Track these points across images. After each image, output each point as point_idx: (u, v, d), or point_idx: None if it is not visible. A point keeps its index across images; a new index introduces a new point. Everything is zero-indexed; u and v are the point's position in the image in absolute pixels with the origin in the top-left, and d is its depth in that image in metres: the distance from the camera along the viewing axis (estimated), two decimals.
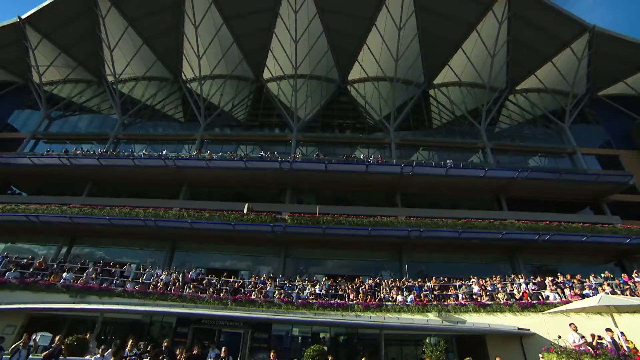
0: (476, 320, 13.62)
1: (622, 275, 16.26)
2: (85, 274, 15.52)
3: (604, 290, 13.63)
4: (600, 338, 10.22)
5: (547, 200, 24.76)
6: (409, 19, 24.90)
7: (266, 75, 31.50)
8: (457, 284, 15.89)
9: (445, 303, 14.31)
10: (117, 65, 28.10)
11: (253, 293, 15.07)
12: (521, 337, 13.02)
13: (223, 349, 10.65)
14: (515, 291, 14.94)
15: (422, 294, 15.00)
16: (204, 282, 15.99)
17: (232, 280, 16.48)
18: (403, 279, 17.25)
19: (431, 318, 13.72)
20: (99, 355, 7.19)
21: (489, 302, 14.09)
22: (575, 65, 27.47)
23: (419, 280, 16.57)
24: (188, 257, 22.01)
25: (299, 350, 12.97)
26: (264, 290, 15.27)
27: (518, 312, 13.61)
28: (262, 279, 16.81)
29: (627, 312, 11.42)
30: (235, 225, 19.65)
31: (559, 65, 28.05)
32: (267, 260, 22.19)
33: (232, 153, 24.70)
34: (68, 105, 31.84)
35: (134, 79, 31.73)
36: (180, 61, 30.18)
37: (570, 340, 10.65)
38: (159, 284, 15.19)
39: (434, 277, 16.69)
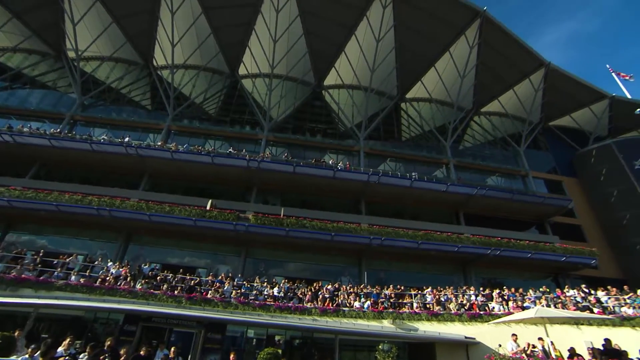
0: (428, 328, 14.15)
1: (557, 290, 17.78)
2: (20, 264, 14.13)
3: (541, 303, 14.84)
4: (534, 347, 11.21)
5: (500, 217, 26.49)
6: (387, 32, 25.64)
7: (242, 71, 30.92)
8: (413, 292, 16.45)
9: (400, 311, 14.75)
10: (80, 41, 26.15)
11: (210, 292, 14.61)
12: (467, 346, 13.70)
13: (172, 349, 10.24)
14: (465, 302, 15.75)
15: (378, 301, 15.37)
16: (158, 278, 15.27)
17: (188, 277, 15.86)
18: (362, 286, 17.58)
19: (386, 325, 14.06)
20: (27, 356, 6.52)
21: (441, 312, 14.75)
22: (533, 95, 29.88)
23: (377, 287, 16.96)
24: (143, 251, 20.93)
25: (253, 352, 12.78)
26: (221, 289, 14.87)
27: (466, 321, 14.36)
28: (220, 278, 16.38)
29: (558, 324, 12.53)
30: (196, 221, 18.99)
31: (519, 94, 30.28)
32: (227, 259, 21.67)
33: (200, 147, 23.91)
34: (16, 77, 29.11)
35: (99, 59, 29.73)
36: (152, 46, 28.75)
37: (508, 348, 11.55)
38: (108, 278, 14.25)
39: (391, 285, 17.14)
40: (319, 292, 15.80)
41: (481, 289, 17.56)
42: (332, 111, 31.16)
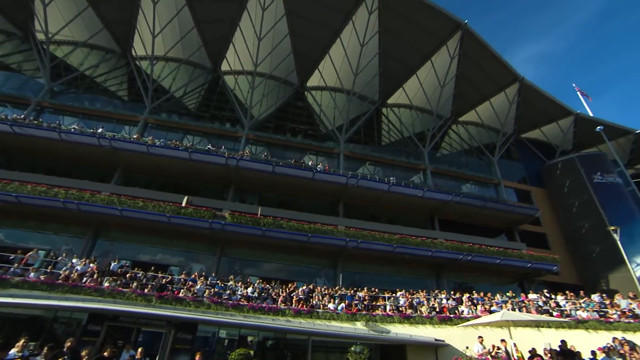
0: (400, 330, 14.37)
1: (522, 294, 18.63)
2: None
3: (507, 307, 15.50)
4: (498, 348, 11.72)
5: (473, 224, 27.45)
6: (372, 37, 25.98)
7: (224, 67, 30.35)
8: (387, 295, 16.69)
9: (374, 313, 14.91)
10: (51, 23, 24.72)
11: (182, 291, 14.16)
12: (437, 348, 14.04)
13: (140, 349, 9.84)
14: (436, 305, 16.16)
15: (352, 303, 15.47)
16: (128, 275, 14.65)
17: (160, 275, 15.32)
18: (336, 287, 17.66)
19: (359, 327, 14.17)
20: None
21: (413, 314, 15.04)
22: (507, 108, 31.23)
23: (351, 289, 17.10)
24: (113, 247, 20.03)
25: (225, 353, 12.51)
26: (193, 288, 14.46)
27: (437, 324, 14.72)
28: (193, 276, 15.96)
29: (521, 327, 13.13)
30: (171, 217, 18.43)
31: (495, 105, 31.54)
32: (201, 258, 21.15)
33: (177, 142, 23.20)
34: None
35: (72, 44, 28.24)
36: (131, 35, 27.63)
37: (475, 350, 12.00)
38: (72, 275, 13.51)
39: (365, 288, 17.34)
40: (293, 293, 15.71)
41: (452, 292, 18.09)
42: (313, 112, 31.17)
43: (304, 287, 16.59)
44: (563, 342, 11.32)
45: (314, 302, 15.23)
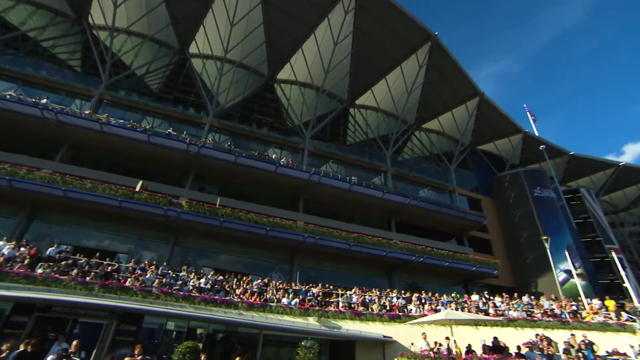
0: (351, 327, 14.69)
1: (465, 295, 19.93)
2: None
3: (451, 307, 16.49)
4: (440, 345, 12.48)
5: (427, 227, 28.84)
6: (346, 37, 26.14)
7: (192, 49, 28.82)
8: (340, 292, 16.98)
9: (326, 309, 15.10)
10: None
11: (129, 280, 13.25)
12: (384, 344, 14.54)
13: (74, 342, 9.06)
14: (387, 304, 16.75)
15: (306, 299, 15.56)
16: (65, 261, 13.40)
17: (105, 262, 14.21)
18: (292, 283, 17.63)
19: (311, 322, 14.26)
20: None
21: (364, 312, 15.46)
22: (467, 120, 33.06)
23: (305, 285, 17.20)
24: (51, 231, 18.21)
25: (171, 345, 11.98)
26: (142, 277, 13.62)
27: (386, 322, 15.25)
28: (142, 265, 15.05)
29: (462, 325, 14.05)
30: (122, 202, 17.15)
31: (457, 116, 33.26)
32: (153, 246, 20.02)
33: (136, 123, 21.66)
34: None
35: None
36: (89, 0, 25.28)
37: (419, 346, 12.61)
38: None
39: (320, 284, 17.49)
40: (248, 286, 15.44)
41: (403, 292, 18.86)
42: (281, 106, 30.72)
43: (259, 281, 16.38)
44: (495, 338, 12.58)
45: (267, 296, 15.09)
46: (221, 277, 15.81)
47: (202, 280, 14.90)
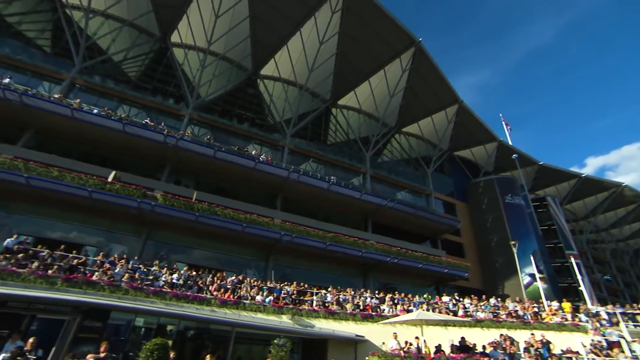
0: (324, 325, 14.75)
1: (437, 296, 20.50)
2: None
3: (422, 307, 16.92)
4: (410, 344, 12.79)
5: (402, 229, 29.40)
6: (332, 37, 26.17)
7: (174, 38, 27.88)
8: (315, 291, 17.03)
9: (300, 307, 15.10)
10: None
11: (96, 274, 12.63)
12: (356, 343, 14.69)
13: (30, 340, 8.57)
14: (361, 303, 16.95)
15: (280, 297, 15.49)
16: (25, 253, 12.62)
17: (71, 255, 13.47)
18: (267, 280, 17.50)
19: (284, 320, 14.20)
20: None
21: (338, 311, 15.57)
22: (446, 126, 33.95)
23: (280, 282, 17.13)
24: (10, 220, 17.04)
25: (139, 342, 11.51)
26: (110, 271, 13.05)
27: (359, 321, 15.44)
28: (112, 258, 14.40)
29: (432, 325, 14.45)
30: (92, 192, 16.31)
31: (436, 122, 34.09)
32: (124, 239, 19.18)
33: (111, 111, 20.66)
34: None
35: None
36: None
37: (390, 346, 12.86)
38: None
39: (295, 282, 17.46)
40: (222, 283, 15.19)
41: (377, 292, 19.16)
42: (263, 102, 30.35)
43: (233, 278, 16.16)
44: (462, 338, 13.09)
45: (241, 293, 14.90)
46: (195, 273, 15.47)
47: (175, 275, 14.50)
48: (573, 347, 13.19)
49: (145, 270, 14.24)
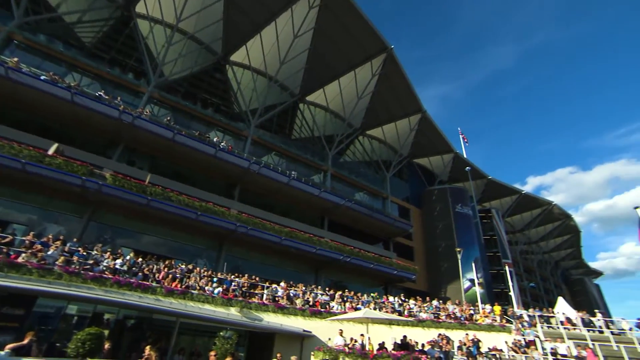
0: (273, 319, 14.70)
1: (384, 296, 21.37)
2: None
3: (370, 306, 17.55)
4: (355, 341, 13.23)
5: (358, 229, 30.21)
6: (307, 32, 26.02)
7: (139, 8, 25.56)
8: (266, 284, 16.94)
9: (250, 300, 14.92)
10: None
11: (23, 255, 11.39)
12: (303, 338, 14.87)
13: None
14: (311, 299, 17.16)
15: (230, 288, 15.20)
16: None
17: None
18: (218, 271, 17.06)
19: (232, 312, 13.94)
20: None
21: (287, 305, 15.62)
22: (408, 133, 35.35)
23: (231, 274, 16.83)
24: None
25: (70, 332, 10.61)
26: (41, 254, 11.81)
27: (308, 317, 15.61)
28: (45, 239, 13.02)
29: (377, 323, 15.05)
30: (27, 164, 14.64)
31: (399, 128, 35.34)
32: (63, 219, 17.49)
33: (58, 76, 18.49)
34: None
35: None
36: None
37: (335, 342, 13.19)
38: None
39: (246, 275, 17.22)
40: (170, 271, 14.52)
41: (327, 289, 19.50)
42: (230, 89, 29.32)
43: (183, 266, 15.54)
44: (404, 336, 13.87)
45: (190, 282, 14.36)
46: (141, 260, 14.59)
47: (119, 261, 13.53)
48: (498, 346, 14.58)
49: (85, 254, 13.13)
